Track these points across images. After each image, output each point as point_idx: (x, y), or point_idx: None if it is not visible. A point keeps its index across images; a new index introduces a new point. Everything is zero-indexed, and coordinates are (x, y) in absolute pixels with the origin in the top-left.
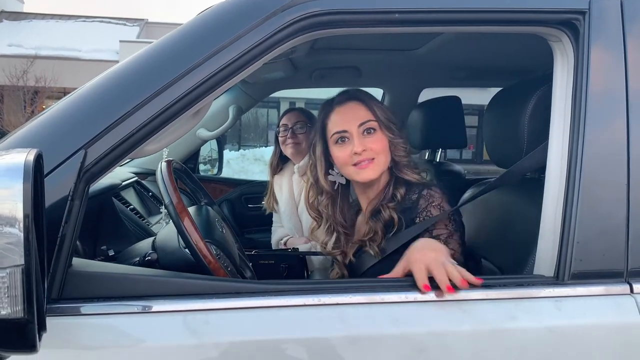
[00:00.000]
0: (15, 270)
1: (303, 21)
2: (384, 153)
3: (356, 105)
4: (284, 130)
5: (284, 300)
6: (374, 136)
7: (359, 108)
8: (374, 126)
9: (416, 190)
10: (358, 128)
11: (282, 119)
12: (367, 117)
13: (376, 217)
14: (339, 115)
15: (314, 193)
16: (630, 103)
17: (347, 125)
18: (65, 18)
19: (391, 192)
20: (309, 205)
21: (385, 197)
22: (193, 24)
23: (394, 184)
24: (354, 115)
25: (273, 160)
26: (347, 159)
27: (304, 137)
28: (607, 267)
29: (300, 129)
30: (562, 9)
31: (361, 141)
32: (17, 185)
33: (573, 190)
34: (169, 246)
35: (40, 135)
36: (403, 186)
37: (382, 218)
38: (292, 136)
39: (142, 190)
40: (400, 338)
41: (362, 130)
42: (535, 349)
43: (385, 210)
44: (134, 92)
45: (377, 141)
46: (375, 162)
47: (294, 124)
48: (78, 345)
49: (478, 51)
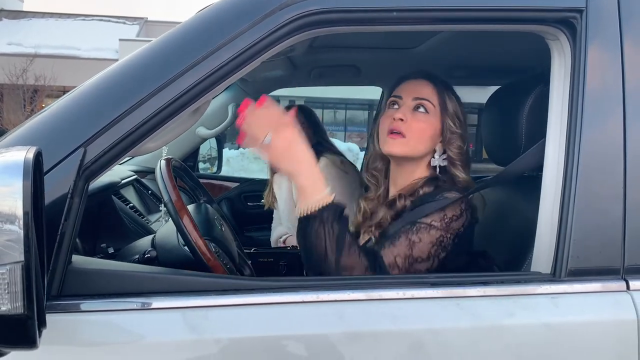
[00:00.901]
0: (15, 266)
1: (301, 19)
2: (422, 138)
3: (425, 83)
4: None
5: (282, 297)
6: (423, 116)
7: (425, 86)
8: (429, 107)
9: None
10: (412, 101)
11: None
12: (428, 96)
13: (391, 206)
14: (405, 85)
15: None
16: (627, 101)
17: (404, 93)
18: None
19: (417, 187)
20: (368, 172)
21: (410, 190)
22: (192, 22)
23: (425, 182)
24: (415, 89)
25: None
26: (386, 122)
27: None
28: (604, 264)
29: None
30: (560, 7)
31: (406, 112)
32: (17, 183)
33: (570, 187)
34: (169, 244)
35: (40, 133)
36: (431, 186)
37: (396, 207)
38: None
39: (142, 189)
40: (399, 335)
41: (414, 105)
42: (532, 345)
43: (401, 200)
44: (133, 90)
45: (423, 122)
46: (405, 141)
47: None
48: (78, 341)
49: (476, 49)
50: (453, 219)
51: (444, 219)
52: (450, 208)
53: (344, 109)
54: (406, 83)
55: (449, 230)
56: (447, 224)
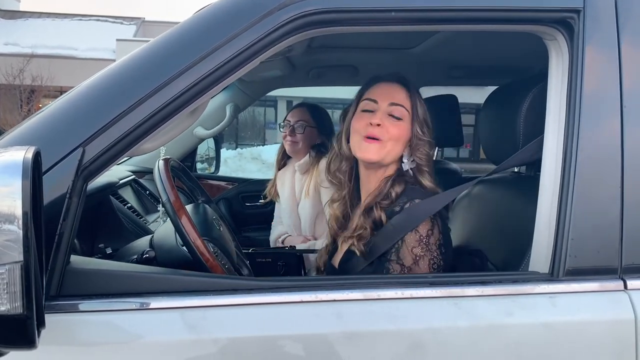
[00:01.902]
0: (14, 266)
1: (299, 20)
2: (398, 143)
3: (399, 88)
4: (284, 126)
5: (281, 297)
6: (397, 123)
7: (400, 91)
8: (403, 115)
9: (405, 199)
10: (388, 106)
11: (288, 113)
12: (402, 102)
13: (368, 214)
14: (379, 88)
15: (336, 162)
16: (624, 101)
17: (380, 98)
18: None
19: (387, 189)
20: (331, 174)
21: (381, 193)
22: (190, 22)
23: (393, 181)
24: (390, 94)
25: (279, 152)
26: (361, 128)
27: (301, 137)
28: (602, 263)
29: (300, 129)
30: (557, 8)
31: (383, 118)
32: (16, 183)
33: (568, 187)
34: (167, 244)
35: (39, 133)
36: (402, 186)
37: (373, 216)
38: (291, 134)
39: (140, 189)
40: (397, 334)
41: (389, 111)
42: (530, 344)
43: (377, 209)
44: (132, 91)
45: (397, 128)
46: (381, 145)
47: (296, 122)
48: (76, 341)
49: (474, 50)
50: (429, 235)
51: (422, 241)
52: (422, 225)
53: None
54: (380, 86)
55: (432, 248)
56: (426, 243)
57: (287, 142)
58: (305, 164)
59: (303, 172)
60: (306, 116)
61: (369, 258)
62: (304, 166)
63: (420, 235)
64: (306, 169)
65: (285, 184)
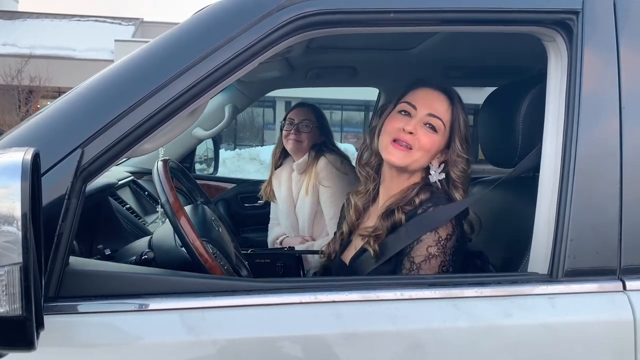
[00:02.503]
0: (14, 268)
1: (299, 21)
2: (426, 154)
3: (443, 98)
4: (289, 124)
5: (280, 298)
6: (431, 133)
7: (443, 102)
8: (439, 127)
9: (429, 204)
10: (426, 115)
11: (289, 112)
12: (442, 115)
13: (388, 217)
14: (422, 93)
15: (367, 155)
16: (623, 102)
17: (420, 105)
18: (59, 17)
19: (412, 195)
20: (361, 165)
21: (405, 198)
22: (189, 23)
23: (420, 189)
24: (433, 103)
25: (276, 151)
26: (393, 131)
27: (307, 136)
28: (600, 264)
29: (306, 127)
30: (556, 9)
31: (417, 126)
32: (15, 184)
33: (567, 188)
34: (166, 245)
35: (37, 134)
36: (427, 194)
37: (393, 219)
38: (296, 132)
39: (138, 190)
40: (396, 335)
41: (426, 121)
42: (530, 345)
43: (399, 212)
44: (131, 92)
45: (430, 139)
46: (410, 154)
47: (301, 121)
48: (75, 343)
49: (473, 51)
50: (448, 238)
51: (440, 242)
52: (443, 227)
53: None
54: (423, 91)
55: (446, 252)
56: (443, 246)
57: (290, 141)
58: (304, 163)
59: (301, 172)
60: (311, 116)
61: (382, 258)
62: (303, 165)
63: (439, 237)
64: (304, 168)
65: (282, 184)
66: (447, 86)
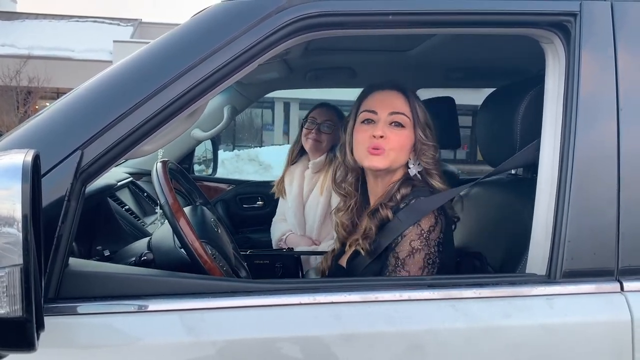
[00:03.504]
0: (14, 269)
1: (298, 23)
2: (402, 151)
3: (396, 94)
4: (310, 123)
5: (279, 299)
6: (400, 131)
7: (397, 98)
8: (404, 121)
9: (411, 197)
10: (388, 116)
11: (312, 111)
12: (402, 109)
13: (374, 216)
14: (375, 98)
15: (341, 172)
16: (620, 103)
17: (379, 108)
18: (58, 18)
19: (394, 192)
20: (336, 184)
21: (387, 196)
22: (188, 25)
23: (401, 184)
24: (389, 103)
25: (294, 149)
26: (365, 140)
27: (327, 137)
28: (598, 265)
29: (327, 129)
30: (554, 11)
31: (385, 129)
32: (16, 186)
33: (565, 189)
34: (165, 246)
35: (37, 136)
36: (408, 188)
37: (379, 216)
38: (317, 132)
39: (137, 191)
40: (395, 336)
41: (390, 120)
42: (528, 346)
43: (383, 209)
44: (130, 93)
45: (400, 136)
46: (386, 155)
47: (323, 121)
48: (75, 344)
49: (471, 52)
50: (430, 230)
51: (422, 235)
52: (425, 220)
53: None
54: (377, 95)
55: (430, 244)
56: (426, 238)
57: (310, 140)
58: (320, 163)
59: (316, 171)
60: (334, 117)
61: (373, 255)
62: (319, 165)
63: (421, 230)
64: (319, 168)
65: (294, 182)
66: (394, 82)
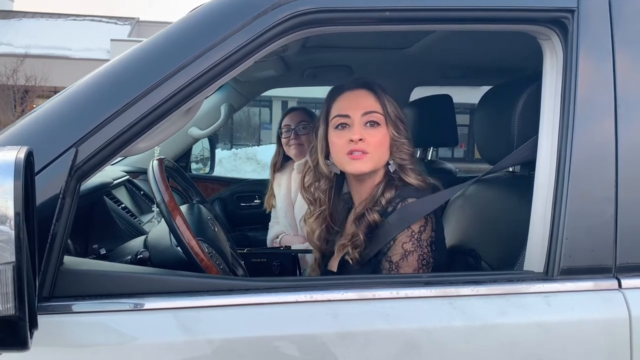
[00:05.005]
0: (7, 267)
1: (294, 19)
2: (382, 150)
3: (366, 93)
4: (286, 131)
5: (276, 297)
6: (376, 130)
7: (367, 97)
8: (379, 119)
9: (397, 199)
10: (361, 117)
11: (284, 120)
12: (374, 108)
13: (360, 221)
14: (345, 101)
15: (310, 177)
16: (618, 100)
17: (351, 111)
18: (55, 16)
19: (378, 195)
20: (305, 189)
21: (372, 199)
22: (184, 22)
23: (385, 186)
24: (360, 103)
25: (276, 160)
26: (343, 146)
27: (306, 137)
28: (596, 262)
29: (303, 130)
30: (551, 8)
31: (361, 131)
32: (8, 183)
33: (562, 187)
34: (161, 244)
35: (31, 133)
36: (392, 191)
37: (366, 222)
38: (295, 137)
39: (134, 189)
40: (392, 334)
41: (364, 121)
42: (525, 343)
43: (370, 214)
44: (125, 90)
45: (378, 135)
46: (369, 157)
47: (297, 125)
48: (69, 343)
49: (469, 49)
50: (421, 231)
51: (413, 236)
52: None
53: None
54: (346, 97)
55: (423, 244)
56: (417, 239)
57: (292, 146)
58: (305, 163)
59: (301, 172)
60: (305, 117)
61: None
62: (303, 165)
63: (412, 231)
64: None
65: (282, 185)
66: (361, 80)
